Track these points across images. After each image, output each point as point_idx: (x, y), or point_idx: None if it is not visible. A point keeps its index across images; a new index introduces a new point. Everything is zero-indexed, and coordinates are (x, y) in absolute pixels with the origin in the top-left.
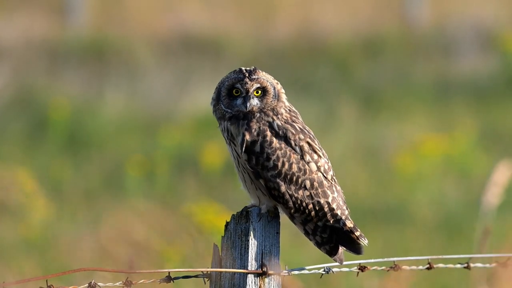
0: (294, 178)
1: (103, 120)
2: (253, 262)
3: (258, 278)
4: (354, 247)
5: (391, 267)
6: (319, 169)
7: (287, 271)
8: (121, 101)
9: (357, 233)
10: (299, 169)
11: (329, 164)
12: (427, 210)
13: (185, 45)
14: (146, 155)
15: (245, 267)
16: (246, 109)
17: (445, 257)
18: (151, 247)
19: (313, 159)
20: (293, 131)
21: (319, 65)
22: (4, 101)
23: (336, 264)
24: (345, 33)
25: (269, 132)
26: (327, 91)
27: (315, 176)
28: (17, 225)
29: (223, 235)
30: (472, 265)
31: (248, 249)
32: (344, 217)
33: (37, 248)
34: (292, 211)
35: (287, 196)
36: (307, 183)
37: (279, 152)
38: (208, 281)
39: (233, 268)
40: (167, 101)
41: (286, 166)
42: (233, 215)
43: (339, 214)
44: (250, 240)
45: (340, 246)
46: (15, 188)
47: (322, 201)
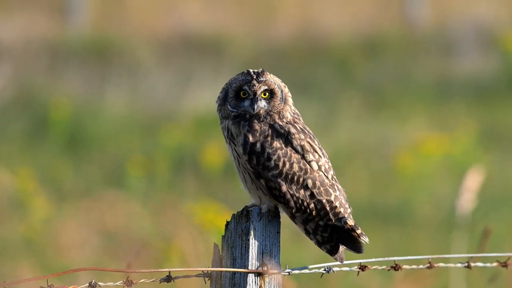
0: (295, 177)
1: (103, 119)
2: (253, 261)
3: (258, 277)
4: (355, 246)
5: (392, 267)
6: (320, 168)
7: (287, 271)
8: (121, 101)
9: (358, 231)
10: (300, 168)
11: (330, 163)
12: (428, 209)
13: (186, 45)
14: (146, 155)
15: (246, 266)
16: (253, 111)
17: (445, 256)
18: (152, 247)
19: (314, 158)
20: (294, 131)
21: (319, 64)
22: (4, 101)
23: (336, 263)
24: (345, 33)
25: (270, 132)
26: (328, 90)
27: (317, 175)
28: (17, 225)
29: (224, 234)
30: (472, 265)
31: (248, 248)
32: (346, 215)
33: (37, 247)
34: (293, 210)
35: (288, 196)
36: (309, 182)
37: (280, 152)
38: (208, 280)
39: (233, 267)
40: (168, 100)
41: (287, 166)
42: (234, 214)
43: (342, 212)
44: (250, 239)
45: (340, 245)
46: (15, 187)
47: (324, 199)
